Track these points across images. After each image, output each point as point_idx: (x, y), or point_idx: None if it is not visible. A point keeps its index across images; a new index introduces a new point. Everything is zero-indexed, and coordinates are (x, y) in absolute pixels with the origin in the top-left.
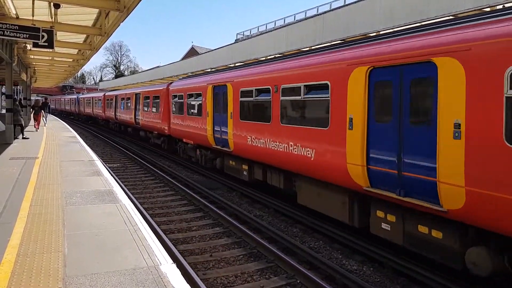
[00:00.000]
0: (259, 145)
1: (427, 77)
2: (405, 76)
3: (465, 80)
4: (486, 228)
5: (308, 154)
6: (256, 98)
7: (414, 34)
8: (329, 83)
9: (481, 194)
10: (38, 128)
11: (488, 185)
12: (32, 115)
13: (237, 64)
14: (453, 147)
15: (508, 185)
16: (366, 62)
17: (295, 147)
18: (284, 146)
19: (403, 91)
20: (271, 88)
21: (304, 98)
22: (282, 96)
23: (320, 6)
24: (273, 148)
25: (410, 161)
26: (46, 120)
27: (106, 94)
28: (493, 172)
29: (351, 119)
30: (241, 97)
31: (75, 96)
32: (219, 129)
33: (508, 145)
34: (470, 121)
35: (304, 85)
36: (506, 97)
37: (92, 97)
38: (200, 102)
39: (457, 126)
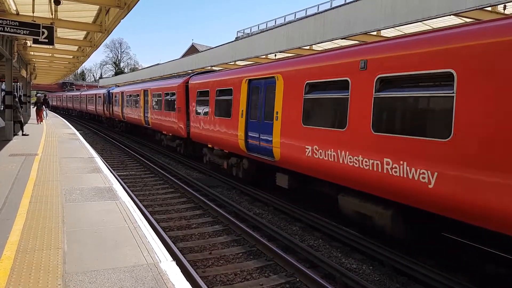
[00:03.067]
0: (326, 158)
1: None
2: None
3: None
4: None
5: (424, 179)
6: (329, 94)
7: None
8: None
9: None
10: (40, 122)
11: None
12: (35, 110)
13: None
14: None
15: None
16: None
17: (397, 166)
18: (376, 164)
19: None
20: (350, 81)
21: (421, 94)
22: (381, 91)
23: (321, 4)
24: (355, 164)
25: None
26: (46, 114)
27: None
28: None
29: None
30: (306, 93)
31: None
32: (256, 135)
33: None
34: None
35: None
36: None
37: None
38: (233, 99)
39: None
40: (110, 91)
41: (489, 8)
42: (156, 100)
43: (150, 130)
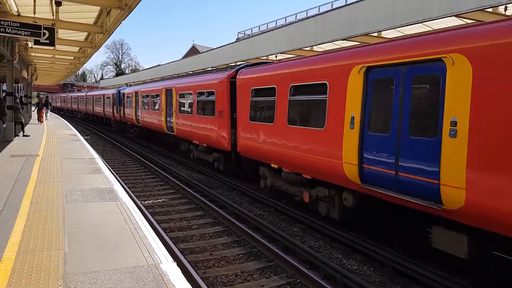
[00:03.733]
0: None
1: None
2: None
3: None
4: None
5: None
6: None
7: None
8: None
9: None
10: (42, 122)
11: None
12: (36, 111)
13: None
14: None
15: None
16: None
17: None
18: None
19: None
20: None
21: None
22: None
23: (321, 5)
24: None
25: None
26: (48, 115)
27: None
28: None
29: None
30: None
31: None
32: (389, 158)
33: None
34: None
35: None
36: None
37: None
38: (328, 99)
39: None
40: (121, 91)
41: (490, 9)
42: (184, 101)
43: (172, 138)
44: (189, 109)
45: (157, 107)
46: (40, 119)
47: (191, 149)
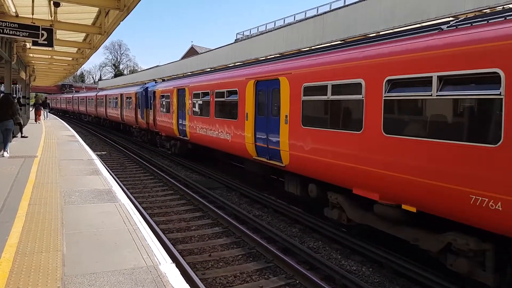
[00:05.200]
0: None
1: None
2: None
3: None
4: None
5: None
6: None
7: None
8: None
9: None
10: (39, 121)
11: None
12: (33, 111)
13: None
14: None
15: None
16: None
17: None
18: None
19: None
20: None
21: None
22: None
23: (320, 6)
24: None
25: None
26: (47, 115)
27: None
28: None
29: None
30: None
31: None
32: None
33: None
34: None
35: None
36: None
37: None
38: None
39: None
40: (150, 88)
41: (488, 10)
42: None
43: (280, 170)
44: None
45: (233, 113)
46: (37, 118)
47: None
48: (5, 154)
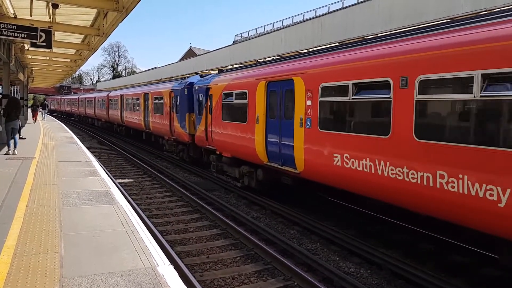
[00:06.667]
0: None
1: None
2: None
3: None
4: None
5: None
6: None
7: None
8: None
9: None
10: (35, 121)
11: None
12: (31, 111)
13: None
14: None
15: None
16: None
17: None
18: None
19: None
20: None
21: None
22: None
23: (318, 8)
24: None
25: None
26: (44, 115)
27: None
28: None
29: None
30: None
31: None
32: None
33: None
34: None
35: None
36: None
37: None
38: None
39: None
40: (198, 83)
41: (485, 13)
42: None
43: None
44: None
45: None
46: (34, 118)
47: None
48: (15, 152)
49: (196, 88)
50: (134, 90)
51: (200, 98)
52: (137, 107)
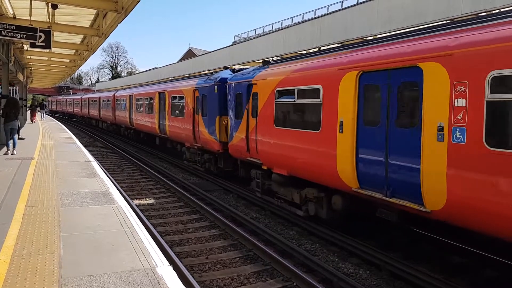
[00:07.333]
0: None
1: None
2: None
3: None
4: None
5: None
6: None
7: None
8: None
9: None
10: (34, 121)
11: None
12: (29, 112)
13: None
14: None
15: None
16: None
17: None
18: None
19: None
20: None
21: None
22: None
23: (317, 9)
24: None
25: None
26: (43, 116)
27: None
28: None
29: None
30: None
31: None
32: None
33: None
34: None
35: None
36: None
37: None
38: None
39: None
40: (234, 79)
41: (484, 14)
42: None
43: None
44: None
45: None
46: (32, 118)
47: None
48: (14, 152)
49: (233, 84)
50: (146, 88)
51: (238, 98)
52: (150, 108)
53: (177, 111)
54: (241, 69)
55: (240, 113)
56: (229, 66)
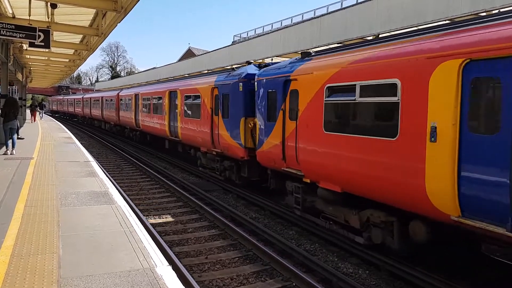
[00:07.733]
0: None
1: None
2: None
3: None
4: None
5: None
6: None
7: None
8: None
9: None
10: (34, 121)
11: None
12: (29, 111)
13: None
14: None
15: None
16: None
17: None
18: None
19: None
20: None
21: None
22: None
23: (317, 9)
24: None
25: None
26: (42, 115)
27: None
28: None
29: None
30: None
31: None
32: None
33: None
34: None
35: None
36: None
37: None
38: None
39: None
40: (266, 74)
41: (484, 14)
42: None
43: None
44: None
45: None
46: (32, 118)
47: None
48: (14, 152)
49: (264, 81)
50: (155, 87)
51: (270, 96)
52: (159, 109)
53: (191, 112)
54: (272, 63)
55: (273, 114)
56: (252, 61)
